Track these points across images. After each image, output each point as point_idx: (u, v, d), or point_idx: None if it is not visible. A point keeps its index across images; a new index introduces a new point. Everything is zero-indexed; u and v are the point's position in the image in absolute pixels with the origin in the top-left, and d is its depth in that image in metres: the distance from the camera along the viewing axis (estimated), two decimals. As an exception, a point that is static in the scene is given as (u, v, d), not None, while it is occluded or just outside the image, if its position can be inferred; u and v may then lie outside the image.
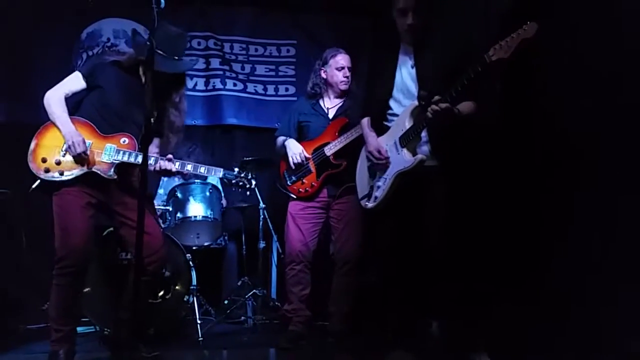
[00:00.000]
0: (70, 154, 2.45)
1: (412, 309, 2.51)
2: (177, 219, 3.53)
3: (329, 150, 3.08)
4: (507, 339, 2.49)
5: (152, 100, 2.01)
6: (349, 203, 3.08)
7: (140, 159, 2.46)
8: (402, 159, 2.41)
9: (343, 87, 3.18)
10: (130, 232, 2.50)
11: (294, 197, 3.16)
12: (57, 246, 2.44)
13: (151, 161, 2.50)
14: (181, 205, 3.56)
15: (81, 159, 2.46)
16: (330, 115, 3.20)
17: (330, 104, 3.23)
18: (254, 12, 4.67)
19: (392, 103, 2.54)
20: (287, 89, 4.69)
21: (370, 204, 2.58)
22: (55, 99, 2.52)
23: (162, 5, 1.90)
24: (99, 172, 2.48)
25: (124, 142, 2.53)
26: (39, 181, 2.45)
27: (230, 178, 2.59)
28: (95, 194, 2.53)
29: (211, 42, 4.57)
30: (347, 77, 3.17)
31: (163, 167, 2.54)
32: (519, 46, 2.01)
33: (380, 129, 2.58)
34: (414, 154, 2.40)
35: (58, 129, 2.48)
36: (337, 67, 3.17)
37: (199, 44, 4.56)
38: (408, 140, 2.40)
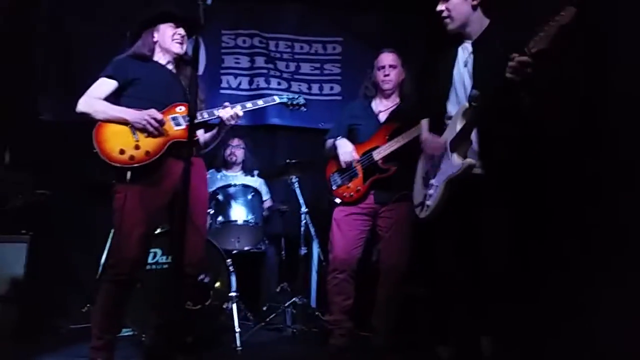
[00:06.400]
0: (149, 132, 2.30)
1: (468, 325, 2.33)
2: (217, 222, 3.47)
3: (378, 154, 2.92)
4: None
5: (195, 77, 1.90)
6: (398, 210, 2.91)
7: (206, 115, 2.47)
8: (451, 164, 2.24)
9: (385, 86, 3.02)
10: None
11: (339, 201, 3.01)
12: (112, 250, 2.31)
13: (219, 113, 2.48)
14: (222, 208, 3.49)
15: (161, 130, 2.32)
16: (382, 119, 3.04)
17: (382, 107, 3.07)
18: (301, 9, 4.57)
19: (448, 105, 2.37)
20: (332, 88, 4.57)
21: (423, 214, 2.42)
22: (92, 100, 2.35)
23: (209, 2, 1.81)
24: (181, 139, 2.33)
25: (181, 109, 2.43)
26: (129, 172, 2.26)
27: (285, 101, 2.78)
28: (168, 187, 2.34)
29: (256, 40, 4.50)
30: (387, 75, 3.00)
31: (229, 116, 2.48)
32: (558, 34, 1.82)
33: (441, 131, 2.40)
34: (465, 157, 2.21)
35: (116, 121, 2.30)
36: (379, 66, 3.03)
37: (244, 42, 4.50)
38: (458, 143, 2.23)
